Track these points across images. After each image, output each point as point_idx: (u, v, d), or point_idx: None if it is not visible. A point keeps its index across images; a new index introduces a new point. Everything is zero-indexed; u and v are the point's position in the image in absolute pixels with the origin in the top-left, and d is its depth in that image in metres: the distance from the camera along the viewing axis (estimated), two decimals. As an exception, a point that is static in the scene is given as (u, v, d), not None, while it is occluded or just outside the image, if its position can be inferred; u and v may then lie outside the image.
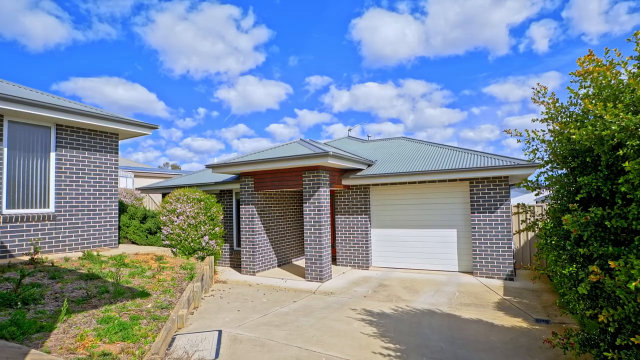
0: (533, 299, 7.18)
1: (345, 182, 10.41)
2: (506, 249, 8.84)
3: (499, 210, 8.99)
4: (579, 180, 2.97)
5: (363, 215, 10.63)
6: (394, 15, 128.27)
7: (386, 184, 10.42)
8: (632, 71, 2.81)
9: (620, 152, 2.50)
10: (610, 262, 2.34)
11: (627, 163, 2.34)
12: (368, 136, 17.09)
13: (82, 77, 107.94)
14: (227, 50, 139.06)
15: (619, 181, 2.53)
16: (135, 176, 21.14)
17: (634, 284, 2.18)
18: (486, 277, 9.07)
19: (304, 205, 9.25)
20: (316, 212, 9.08)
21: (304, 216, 9.25)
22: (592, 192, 2.95)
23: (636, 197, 2.47)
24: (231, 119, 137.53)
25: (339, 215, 10.95)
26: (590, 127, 2.73)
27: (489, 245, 9.07)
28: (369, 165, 10.88)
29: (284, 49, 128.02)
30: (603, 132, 2.57)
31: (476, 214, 9.24)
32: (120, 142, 9.61)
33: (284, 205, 11.67)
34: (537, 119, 3.67)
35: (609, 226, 2.71)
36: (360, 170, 10.55)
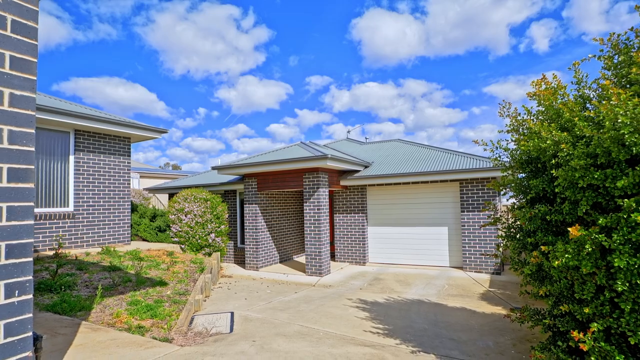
0: (515, 290, 7.83)
1: (343, 182, 11.07)
2: (493, 245, 9.49)
3: (486, 209, 9.64)
4: (530, 183, 3.63)
5: (360, 214, 11.29)
6: (394, 15, 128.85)
7: (382, 184, 11.07)
8: (569, 94, 3.48)
9: (553, 161, 3.17)
10: (542, 247, 3.00)
11: (553, 170, 3.01)
12: (366, 138, 17.78)
13: (83, 77, 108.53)
14: (228, 50, 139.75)
15: (555, 183, 3.20)
16: (140, 177, 21.82)
17: (556, 262, 2.84)
18: (475, 271, 9.71)
19: (305, 204, 9.91)
20: (316, 211, 9.74)
21: (305, 215, 9.91)
22: (540, 192, 3.61)
23: (567, 196, 3.13)
24: (231, 119, 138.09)
25: (337, 214, 11.61)
26: (536, 140, 3.39)
27: (477, 242, 9.71)
28: (366, 167, 11.54)
29: (284, 49, 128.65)
30: (543, 145, 3.23)
31: (466, 213, 9.88)
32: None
33: (285, 205, 12.34)
34: (503, 130, 4.34)
35: (549, 220, 3.38)
36: (357, 171, 11.21)
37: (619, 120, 2.40)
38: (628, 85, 3.21)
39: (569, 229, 2.67)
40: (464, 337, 5.04)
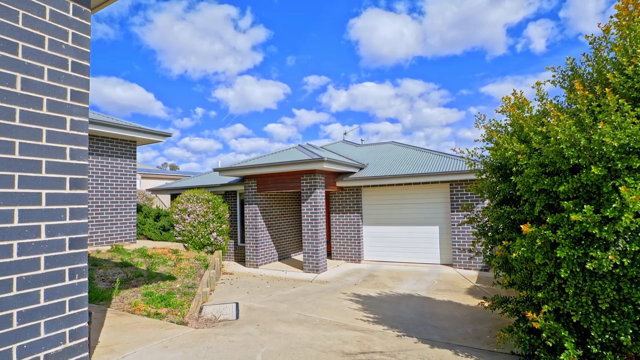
0: (499, 285, 8.39)
1: (339, 183, 11.61)
2: (481, 243, 10.03)
3: (475, 210, 10.17)
4: (499, 187, 4.18)
5: (355, 214, 11.83)
6: (391, 15, 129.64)
7: (376, 185, 11.61)
8: (532, 109, 4.03)
9: (515, 169, 3.71)
10: (503, 242, 3.55)
11: (513, 177, 3.56)
12: (362, 140, 18.30)
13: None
14: (225, 50, 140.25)
15: (516, 188, 3.74)
16: (142, 177, 22.28)
17: (514, 254, 3.38)
18: (464, 268, 10.26)
19: (302, 205, 10.44)
20: (313, 211, 10.27)
21: (302, 215, 10.44)
22: (507, 195, 4.16)
23: (526, 198, 3.67)
24: (229, 118, 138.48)
25: (334, 214, 12.14)
26: (502, 150, 3.94)
27: (466, 240, 10.26)
28: (361, 169, 12.07)
29: (281, 49, 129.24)
30: (507, 154, 3.78)
31: (455, 213, 10.43)
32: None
33: (283, 205, 12.87)
34: (478, 139, 4.88)
35: (513, 219, 3.93)
36: (353, 173, 11.74)
37: (559, 137, 2.94)
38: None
39: (522, 226, 3.21)
40: (447, 325, 5.59)
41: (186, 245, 10.72)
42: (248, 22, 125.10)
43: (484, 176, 4.77)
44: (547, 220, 3.21)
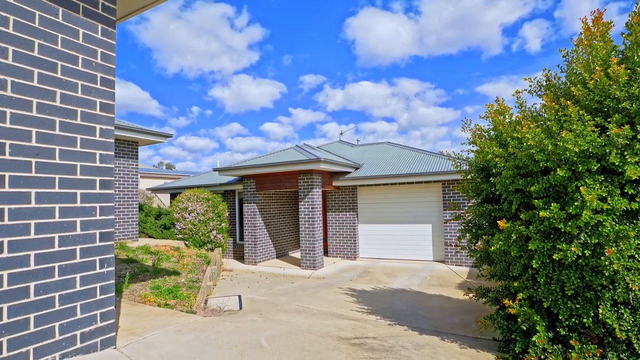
0: (489, 281, 8.79)
1: (335, 183, 11.97)
2: (466, 239, 10.43)
3: (466, 208, 10.55)
4: (481, 187, 4.56)
5: (351, 212, 12.20)
6: (388, 15, 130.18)
7: (371, 185, 11.98)
8: (512, 115, 4.42)
9: (494, 171, 4.09)
10: (484, 237, 3.92)
11: (492, 178, 3.94)
12: (357, 140, 18.70)
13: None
14: (221, 49, 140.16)
15: (496, 187, 4.12)
16: (140, 177, 22.52)
17: (493, 248, 3.76)
18: (456, 265, 10.66)
19: (300, 204, 10.80)
20: (310, 209, 10.63)
21: (300, 213, 10.80)
22: (489, 194, 4.54)
23: (505, 197, 4.06)
24: (225, 117, 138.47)
25: (330, 213, 12.51)
26: (484, 153, 4.31)
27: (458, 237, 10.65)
28: (357, 169, 12.45)
29: (278, 48, 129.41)
30: (487, 157, 4.16)
31: (447, 211, 10.81)
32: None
33: (281, 204, 13.22)
34: (465, 142, 5.26)
35: (494, 216, 4.31)
36: (349, 172, 12.12)
37: (529, 143, 3.32)
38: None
39: (498, 222, 3.59)
40: (436, 315, 5.97)
41: (187, 242, 11.04)
42: (244, 21, 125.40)
43: (469, 177, 5.14)
44: (521, 216, 3.59)
